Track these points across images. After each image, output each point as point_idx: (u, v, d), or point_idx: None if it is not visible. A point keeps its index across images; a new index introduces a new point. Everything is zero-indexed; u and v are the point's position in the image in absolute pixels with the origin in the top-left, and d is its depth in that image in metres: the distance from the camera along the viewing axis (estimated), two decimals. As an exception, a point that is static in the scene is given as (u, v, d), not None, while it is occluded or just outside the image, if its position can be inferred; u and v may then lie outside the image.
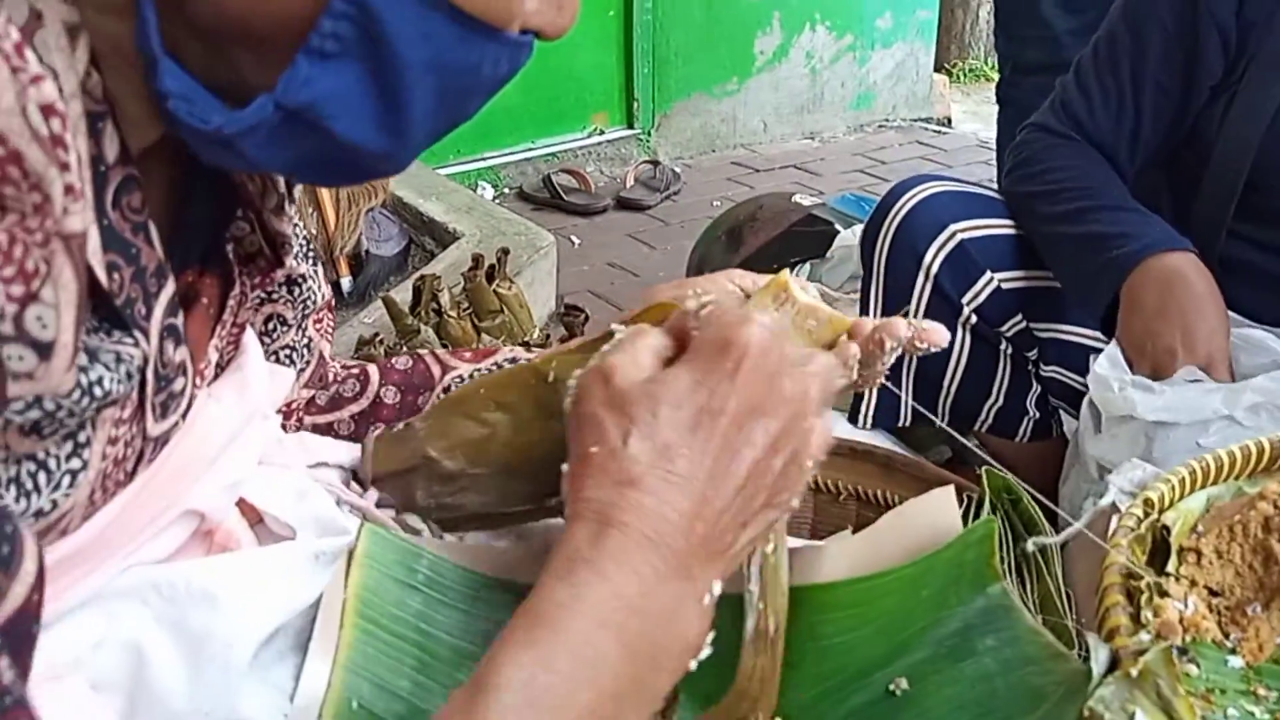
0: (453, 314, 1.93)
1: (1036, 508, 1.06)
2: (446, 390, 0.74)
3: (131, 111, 0.45)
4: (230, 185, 0.58)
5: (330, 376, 0.77)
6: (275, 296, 0.64)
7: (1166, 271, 1.15)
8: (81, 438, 0.45)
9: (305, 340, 0.70)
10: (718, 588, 0.50)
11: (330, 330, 0.75)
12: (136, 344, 0.46)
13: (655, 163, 3.49)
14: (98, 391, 0.43)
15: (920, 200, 1.33)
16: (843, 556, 0.65)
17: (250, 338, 0.61)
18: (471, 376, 0.74)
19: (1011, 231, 1.34)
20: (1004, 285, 1.32)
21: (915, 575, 0.63)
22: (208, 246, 0.57)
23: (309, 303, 0.67)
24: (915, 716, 0.58)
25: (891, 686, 0.59)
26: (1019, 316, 1.35)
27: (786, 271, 0.62)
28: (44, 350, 0.38)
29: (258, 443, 0.59)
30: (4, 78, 0.35)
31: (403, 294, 2.14)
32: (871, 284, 1.40)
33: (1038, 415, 1.47)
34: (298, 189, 0.64)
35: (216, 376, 0.58)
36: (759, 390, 0.50)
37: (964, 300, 1.33)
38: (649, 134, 3.69)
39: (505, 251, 2.09)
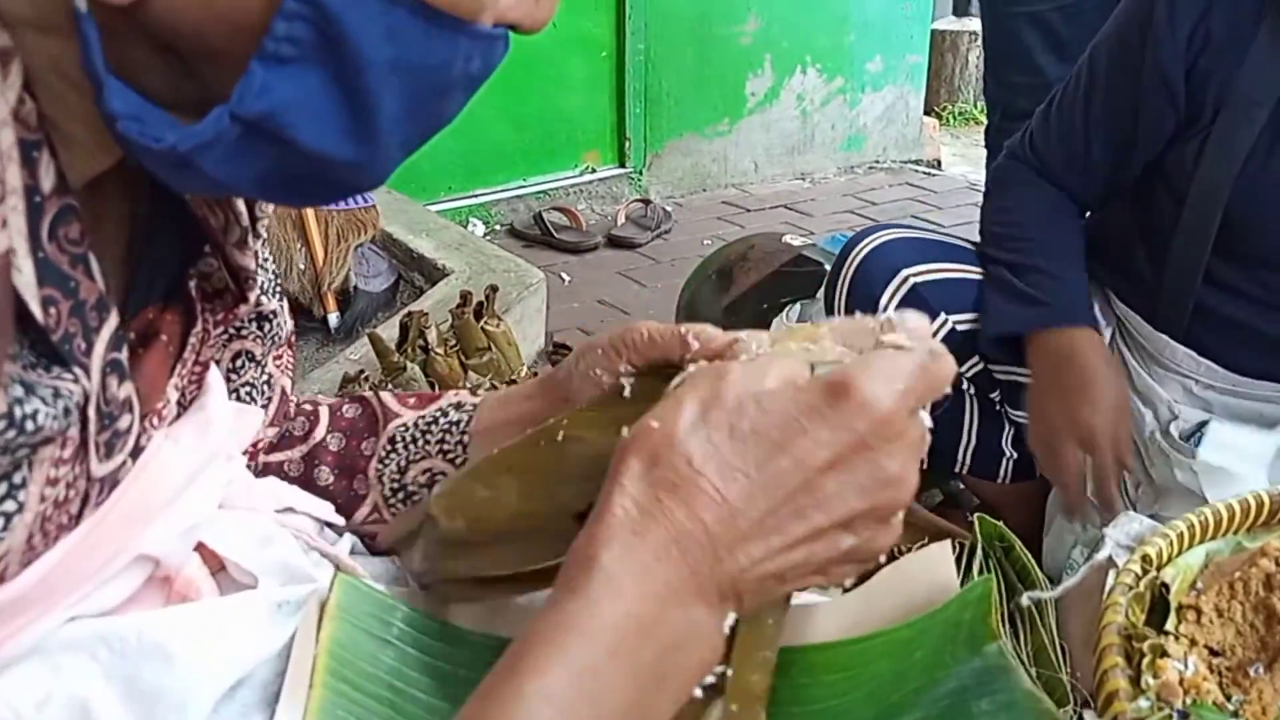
0: (439, 351, 1.91)
1: (1029, 556, 1.05)
2: (391, 440, 0.70)
3: (78, 137, 0.43)
4: (195, 220, 0.56)
5: (292, 412, 0.74)
6: (245, 333, 0.62)
7: (1063, 352, 1.23)
8: (16, 478, 0.43)
9: (265, 377, 0.68)
10: (732, 618, 0.45)
11: (290, 366, 0.72)
12: (76, 380, 0.43)
13: (646, 201, 3.49)
14: (29, 426, 0.41)
15: (874, 248, 1.37)
16: (834, 616, 0.63)
17: (214, 377, 0.58)
18: (415, 425, 0.71)
19: (964, 275, 1.36)
20: (959, 327, 1.34)
21: (909, 638, 0.60)
22: (171, 283, 0.55)
23: (276, 339, 0.65)
24: (907, 782, 0.55)
25: (883, 750, 0.57)
26: (976, 358, 1.36)
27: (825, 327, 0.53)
28: None
29: (218, 485, 0.57)
30: None
31: (389, 331, 2.12)
32: None
33: (1016, 455, 1.46)
34: (263, 223, 0.62)
35: (179, 416, 0.56)
36: (861, 459, 0.44)
37: None
38: (640, 173, 3.70)
39: (494, 289, 2.08)
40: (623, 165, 3.68)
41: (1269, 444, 1.20)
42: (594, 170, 3.64)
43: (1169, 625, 0.63)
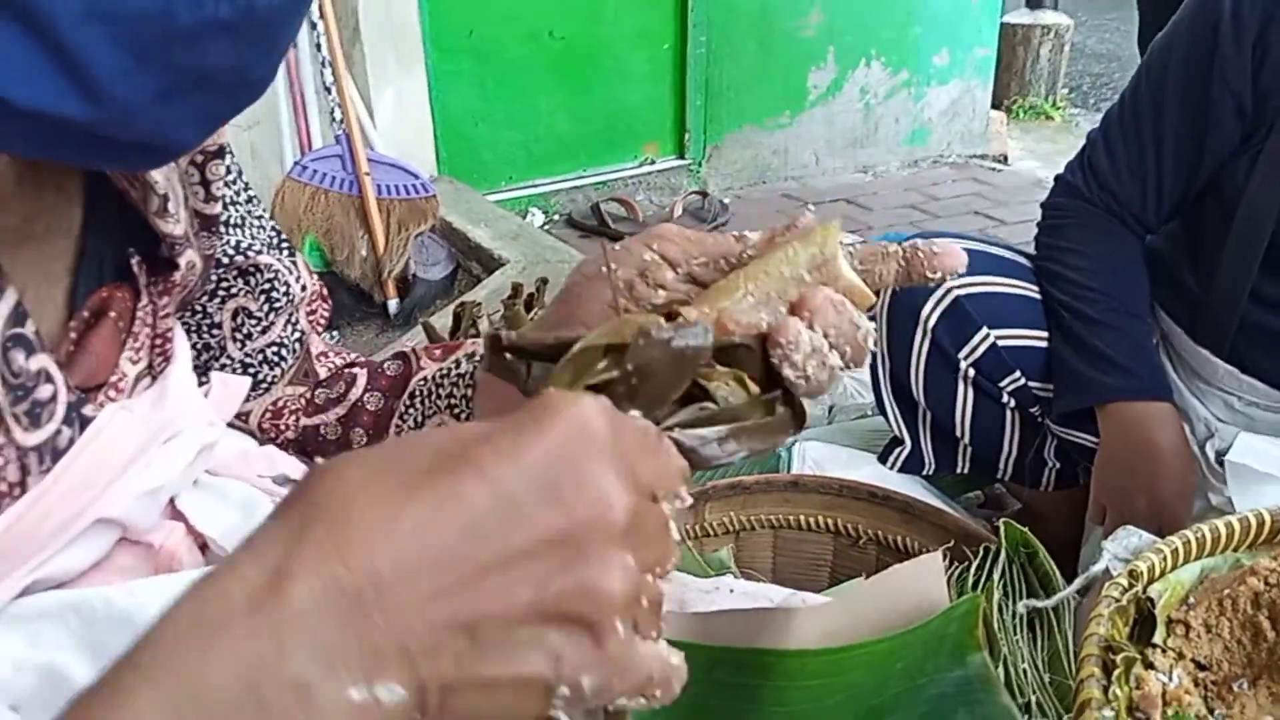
0: (490, 341, 1.96)
1: (1052, 563, 1.05)
2: (411, 395, 0.70)
3: None
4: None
5: (323, 374, 0.74)
6: (234, 290, 0.64)
7: (1138, 427, 1.22)
8: None
9: (296, 335, 0.68)
10: (400, 692, 0.31)
11: (322, 321, 0.73)
12: None
13: (704, 193, 3.51)
14: None
15: None
16: (816, 621, 0.64)
17: (180, 347, 0.59)
18: (432, 378, 0.71)
19: (1009, 290, 1.34)
20: (1000, 342, 1.33)
21: (891, 649, 0.62)
22: (121, 260, 0.56)
23: (275, 293, 0.66)
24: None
25: (861, 753, 0.59)
26: (1017, 373, 1.35)
27: (838, 228, 0.48)
28: None
29: (186, 450, 0.57)
30: None
31: (443, 319, 2.18)
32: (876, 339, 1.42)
33: (1058, 465, 1.45)
34: (219, 185, 0.60)
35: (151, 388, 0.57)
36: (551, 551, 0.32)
37: (961, 356, 1.34)
38: (700, 165, 3.71)
39: (544, 281, 2.13)
40: (681, 157, 3.70)
41: None
42: (653, 162, 3.67)
43: (1157, 638, 0.64)
